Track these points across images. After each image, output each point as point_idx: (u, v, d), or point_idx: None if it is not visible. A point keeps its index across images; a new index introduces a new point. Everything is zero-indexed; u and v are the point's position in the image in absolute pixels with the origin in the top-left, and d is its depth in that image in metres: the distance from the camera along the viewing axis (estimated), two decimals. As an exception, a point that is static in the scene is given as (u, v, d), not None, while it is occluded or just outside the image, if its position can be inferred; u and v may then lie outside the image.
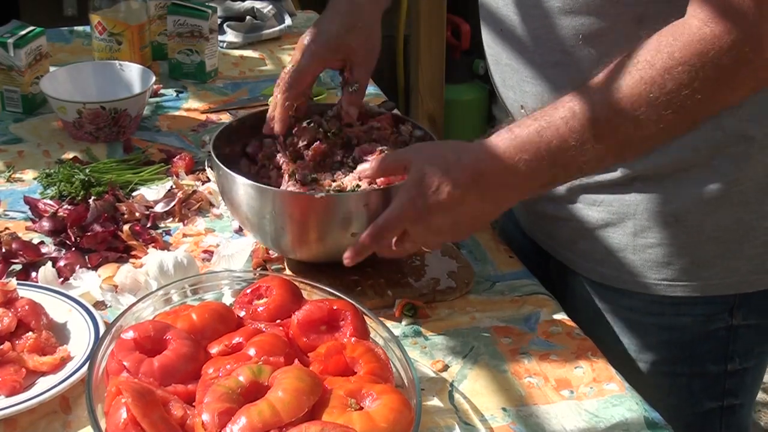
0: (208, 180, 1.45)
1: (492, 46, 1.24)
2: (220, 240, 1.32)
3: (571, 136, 1.00)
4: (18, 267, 1.24)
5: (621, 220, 1.18)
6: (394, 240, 1.09)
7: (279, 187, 1.19)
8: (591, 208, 1.20)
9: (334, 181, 1.18)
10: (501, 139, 1.03)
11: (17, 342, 1.06)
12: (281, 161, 1.23)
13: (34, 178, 1.46)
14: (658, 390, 1.22)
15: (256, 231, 1.19)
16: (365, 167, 1.16)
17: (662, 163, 1.13)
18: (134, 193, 1.41)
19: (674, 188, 1.14)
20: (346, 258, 1.11)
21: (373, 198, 1.13)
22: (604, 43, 1.03)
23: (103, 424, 0.90)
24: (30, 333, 1.07)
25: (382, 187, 1.15)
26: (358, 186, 1.16)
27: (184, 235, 1.34)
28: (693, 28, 0.96)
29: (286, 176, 1.21)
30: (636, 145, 1.02)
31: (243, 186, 1.15)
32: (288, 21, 2.09)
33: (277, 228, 1.15)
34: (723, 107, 1.00)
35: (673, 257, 1.17)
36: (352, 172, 1.19)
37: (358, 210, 1.12)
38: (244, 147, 1.28)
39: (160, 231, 1.34)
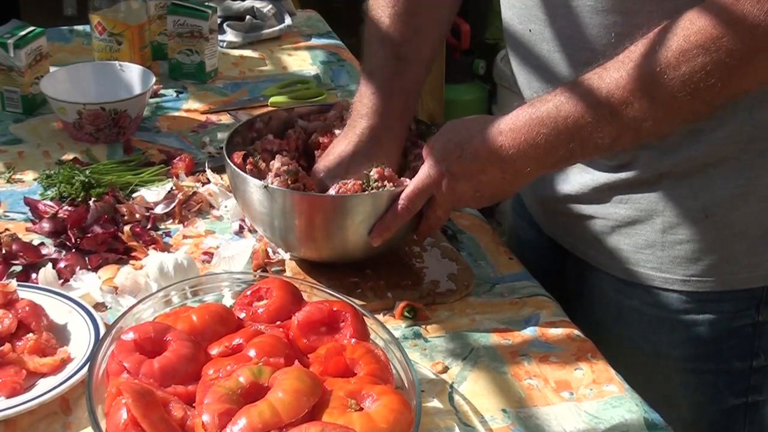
0: (208, 181, 1.45)
1: (518, 46, 1.23)
2: (220, 242, 1.32)
3: (588, 112, 1.03)
4: (18, 268, 1.23)
5: (649, 217, 1.18)
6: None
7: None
8: (618, 206, 1.19)
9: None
10: (522, 113, 1.07)
11: (17, 343, 1.06)
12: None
13: (34, 179, 1.46)
14: (683, 387, 1.22)
15: (266, 228, 1.20)
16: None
17: (691, 157, 1.13)
18: (134, 195, 1.41)
19: (703, 184, 1.14)
20: (374, 236, 1.15)
21: (380, 199, 1.14)
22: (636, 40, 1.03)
23: (103, 425, 0.90)
24: (30, 334, 1.07)
25: (389, 189, 1.16)
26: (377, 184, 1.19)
27: (184, 237, 1.34)
28: (710, 14, 0.96)
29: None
30: (651, 127, 1.03)
31: (254, 186, 1.15)
32: (288, 21, 2.09)
33: (286, 226, 1.16)
34: (738, 94, 1.01)
35: (702, 253, 1.17)
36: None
37: (365, 210, 1.14)
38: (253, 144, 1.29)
39: (160, 232, 1.34)
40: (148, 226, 1.34)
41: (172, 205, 1.38)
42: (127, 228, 1.31)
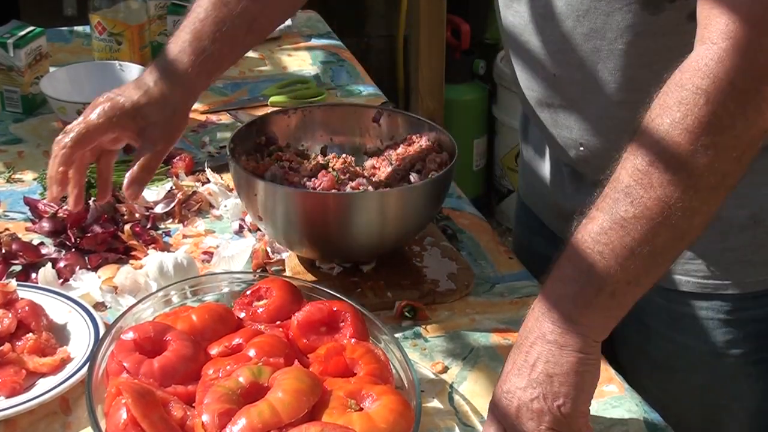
0: (208, 181, 1.45)
1: (543, 84, 1.19)
2: (220, 241, 1.32)
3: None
4: (18, 268, 1.24)
5: None
6: None
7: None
8: None
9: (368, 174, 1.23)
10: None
11: (17, 343, 1.06)
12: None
13: (34, 179, 1.46)
14: (746, 379, 1.22)
15: (268, 226, 1.20)
16: None
17: None
18: (134, 194, 1.41)
19: (749, 191, 1.11)
20: None
21: (386, 197, 1.14)
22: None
23: (103, 425, 0.90)
24: (30, 334, 1.07)
25: (391, 189, 1.16)
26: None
27: (184, 236, 1.34)
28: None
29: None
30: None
31: (259, 184, 1.15)
32: (288, 21, 2.08)
33: (290, 224, 1.16)
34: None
35: (756, 256, 1.16)
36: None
37: (370, 209, 1.14)
38: (257, 145, 1.29)
39: (160, 232, 1.34)
40: (148, 226, 1.34)
41: (172, 205, 1.38)
42: (126, 227, 1.31)
